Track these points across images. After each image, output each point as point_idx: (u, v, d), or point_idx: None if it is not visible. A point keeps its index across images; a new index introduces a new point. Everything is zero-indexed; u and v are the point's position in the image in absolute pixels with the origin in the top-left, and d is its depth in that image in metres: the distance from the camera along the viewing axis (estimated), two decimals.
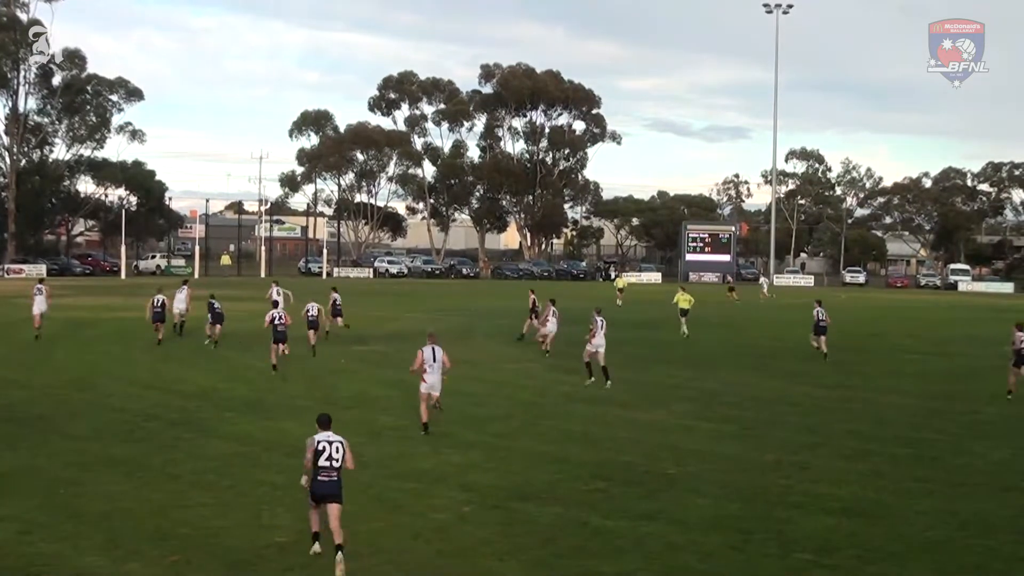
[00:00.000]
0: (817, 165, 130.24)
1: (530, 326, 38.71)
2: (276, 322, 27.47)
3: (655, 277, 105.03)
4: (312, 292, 43.76)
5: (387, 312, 48.90)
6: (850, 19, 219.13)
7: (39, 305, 36.27)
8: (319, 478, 12.79)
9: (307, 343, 32.15)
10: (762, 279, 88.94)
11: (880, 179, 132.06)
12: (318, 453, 12.87)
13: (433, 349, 20.62)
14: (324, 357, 31.50)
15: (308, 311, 32.98)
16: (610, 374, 27.02)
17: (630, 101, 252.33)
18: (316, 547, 12.58)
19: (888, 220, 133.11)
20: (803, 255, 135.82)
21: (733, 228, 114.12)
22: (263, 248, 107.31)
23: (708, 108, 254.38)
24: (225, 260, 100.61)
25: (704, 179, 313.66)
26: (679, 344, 38.70)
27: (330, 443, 12.96)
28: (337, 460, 12.81)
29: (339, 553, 11.98)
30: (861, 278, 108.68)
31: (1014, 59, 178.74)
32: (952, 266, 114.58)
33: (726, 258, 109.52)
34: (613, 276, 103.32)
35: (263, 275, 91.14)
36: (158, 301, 35.24)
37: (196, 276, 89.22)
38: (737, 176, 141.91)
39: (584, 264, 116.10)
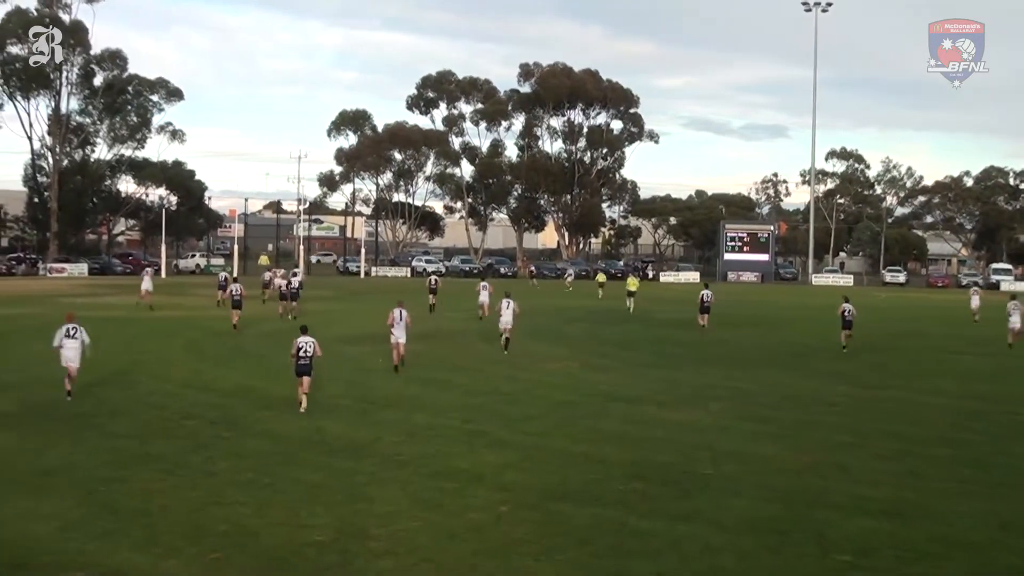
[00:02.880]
0: (857, 164, 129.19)
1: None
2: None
3: (693, 277, 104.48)
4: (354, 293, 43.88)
5: (423, 311, 48.99)
6: (889, 15, 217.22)
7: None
8: (300, 362, 21.94)
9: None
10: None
11: (921, 178, 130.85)
12: (299, 348, 21.99)
13: (401, 311, 28.64)
14: (360, 357, 31.63)
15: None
16: (509, 346, 33.27)
17: (667, 100, 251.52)
18: (303, 407, 21.72)
19: (929, 219, 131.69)
20: (842, 254, 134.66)
21: (772, 227, 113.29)
22: (301, 247, 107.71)
23: (746, 106, 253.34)
24: (264, 260, 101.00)
25: (742, 178, 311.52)
26: (714, 343, 38.53)
27: (306, 343, 22.05)
28: (309, 352, 21.94)
29: (304, 399, 21.81)
30: (901, 278, 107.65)
31: None
32: (994, 265, 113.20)
33: (764, 257, 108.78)
34: (651, 276, 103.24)
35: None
36: (237, 290, 40.42)
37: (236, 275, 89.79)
38: (775, 175, 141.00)
39: (622, 263, 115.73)
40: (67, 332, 23.18)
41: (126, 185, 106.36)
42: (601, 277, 75.77)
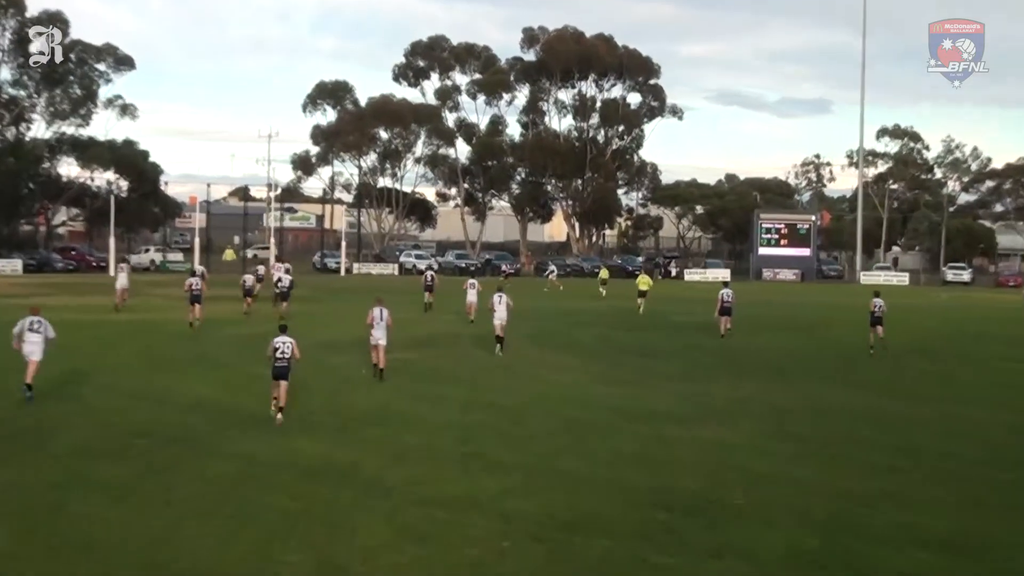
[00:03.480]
0: (912, 144, 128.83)
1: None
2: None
3: (722, 274, 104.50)
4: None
5: (414, 314, 49.01)
6: None
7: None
8: (276, 364, 22.91)
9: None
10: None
11: (988, 160, 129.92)
12: (275, 348, 22.97)
13: (380, 310, 29.58)
14: (341, 366, 31.70)
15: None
16: (504, 345, 35.13)
17: (692, 70, 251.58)
18: (279, 417, 22.68)
19: (999, 208, 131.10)
20: (895, 248, 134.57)
21: (813, 217, 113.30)
22: (273, 240, 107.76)
23: (783, 78, 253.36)
24: (228, 254, 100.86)
25: (779, 160, 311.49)
26: (746, 351, 38.56)
27: (283, 343, 23.04)
28: (286, 353, 22.93)
29: (280, 413, 22.73)
30: (966, 276, 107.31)
31: None
32: None
33: (805, 252, 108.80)
34: (674, 273, 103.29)
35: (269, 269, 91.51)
36: (196, 284, 42.94)
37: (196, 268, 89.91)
38: (818, 157, 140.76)
39: (641, 259, 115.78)
40: (30, 325, 25.24)
41: (68, 168, 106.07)
42: (604, 273, 76.69)
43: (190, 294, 43.13)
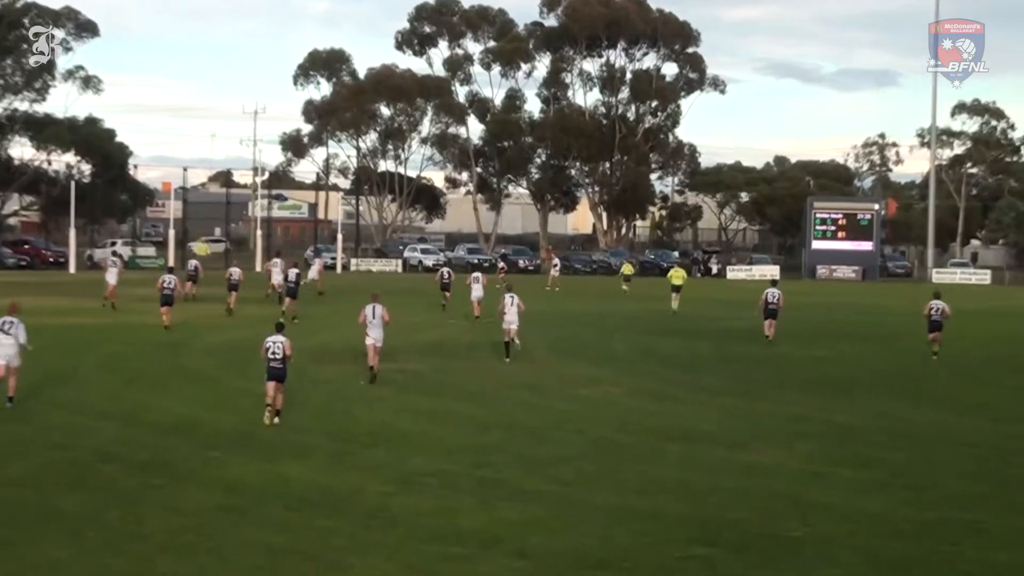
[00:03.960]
0: (995, 122, 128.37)
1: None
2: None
3: (771, 271, 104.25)
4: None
5: (420, 317, 48.97)
6: None
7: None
8: (270, 365, 24.58)
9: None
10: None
11: None
12: (267, 349, 24.75)
13: (374, 307, 30.66)
14: (336, 377, 31.64)
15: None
16: (510, 352, 36.27)
17: (737, 37, 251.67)
18: (275, 420, 24.38)
19: None
20: (975, 242, 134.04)
21: (876, 206, 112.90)
22: (259, 232, 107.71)
23: (843, 45, 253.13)
24: (200, 249, 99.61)
25: (837, 141, 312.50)
26: (803, 362, 38.44)
27: (275, 343, 24.73)
28: (278, 353, 24.54)
29: (276, 416, 24.37)
30: None
31: None
32: None
33: (867, 246, 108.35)
34: (715, 270, 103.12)
35: (258, 267, 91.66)
36: (169, 282, 43.59)
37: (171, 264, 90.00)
38: (882, 137, 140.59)
39: (677, 254, 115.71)
40: (1, 325, 25.79)
41: (20, 150, 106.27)
42: (627, 268, 77.41)
43: (161, 294, 43.48)
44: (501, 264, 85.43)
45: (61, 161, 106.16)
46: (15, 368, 25.94)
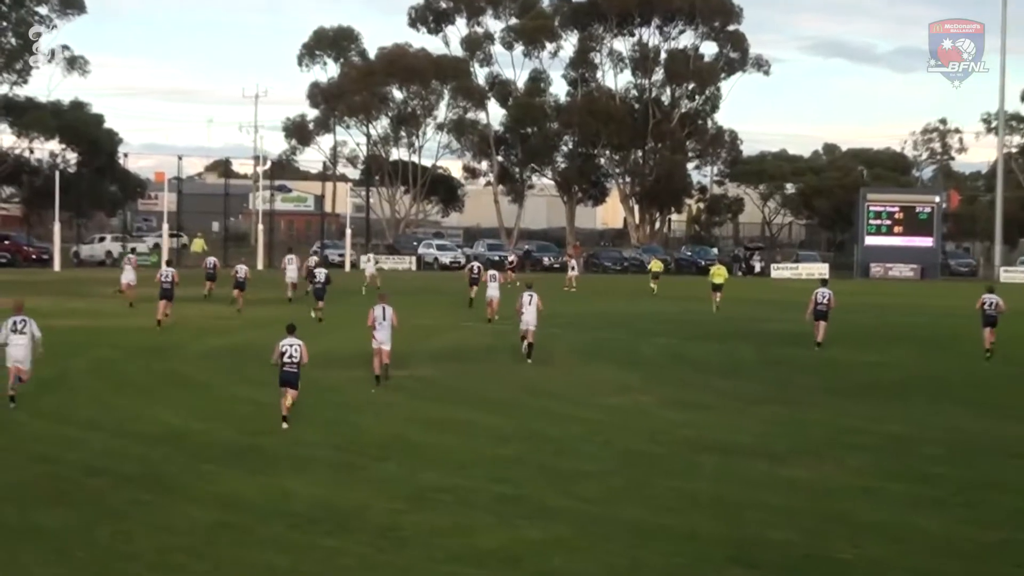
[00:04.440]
0: None
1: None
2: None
3: (819, 270, 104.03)
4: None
5: (435, 320, 49.06)
6: None
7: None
8: (284, 369, 25.52)
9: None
10: None
11: None
12: (282, 353, 25.48)
13: (383, 308, 31.71)
14: (343, 385, 31.70)
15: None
16: (532, 352, 37.22)
17: (784, 13, 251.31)
18: (284, 425, 25.23)
19: None
20: None
21: (937, 198, 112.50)
22: (260, 227, 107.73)
23: (899, 22, 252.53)
24: (197, 245, 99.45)
25: (893, 127, 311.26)
26: (853, 367, 38.39)
27: (291, 346, 25.54)
28: (295, 357, 25.47)
29: (284, 423, 25.29)
30: None
31: None
32: None
33: (926, 242, 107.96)
34: (757, 269, 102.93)
35: (260, 264, 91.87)
36: (168, 275, 45.62)
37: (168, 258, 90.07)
38: (943, 122, 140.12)
39: (716, 251, 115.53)
40: (14, 326, 26.92)
41: (1, 137, 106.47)
42: (655, 265, 77.55)
43: (160, 288, 44.82)
44: (510, 259, 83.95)
45: (44, 149, 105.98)
46: (27, 371, 27.20)
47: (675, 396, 31.77)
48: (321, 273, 51.95)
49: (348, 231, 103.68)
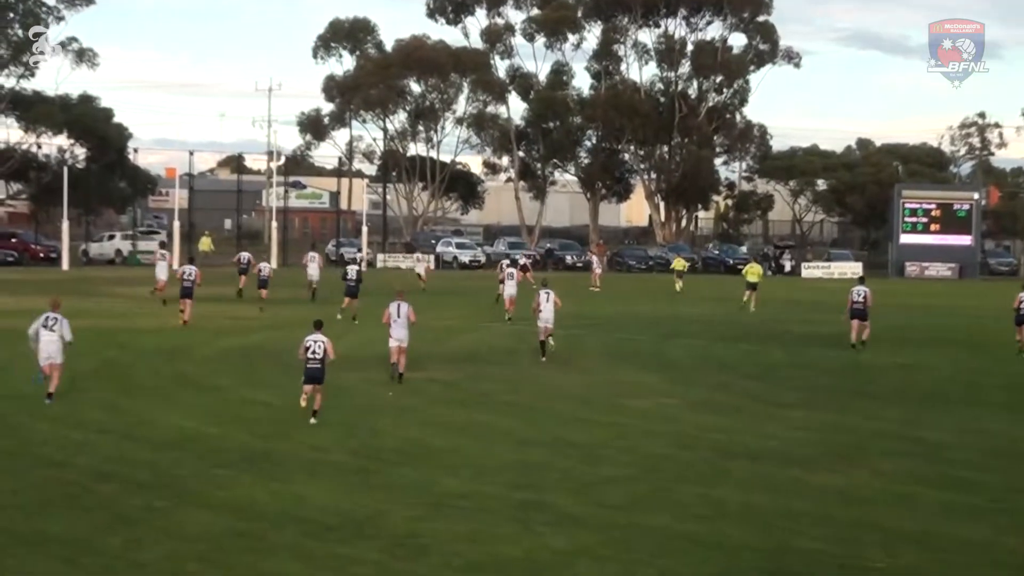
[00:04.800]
0: None
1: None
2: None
3: (852, 269, 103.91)
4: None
5: (456, 320, 49.09)
6: None
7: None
8: (308, 366, 26.50)
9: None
10: None
11: None
12: (306, 348, 26.52)
13: (399, 306, 32.44)
14: (359, 387, 31.74)
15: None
16: (546, 350, 38.17)
17: (816, 4, 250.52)
18: (312, 420, 26.17)
19: None
20: None
21: (976, 195, 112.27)
22: (274, 224, 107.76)
23: (936, 11, 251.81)
24: (204, 244, 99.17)
25: (929, 121, 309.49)
26: (887, 371, 38.33)
27: (315, 342, 26.51)
28: (319, 354, 26.38)
29: (314, 416, 26.29)
30: None
31: None
32: None
33: (965, 240, 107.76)
34: (788, 268, 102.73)
35: (273, 263, 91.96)
36: (190, 273, 46.05)
37: (177, 266, 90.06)
38: (982, 116, 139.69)
39: (745, 249, 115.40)
40: (45, 321, 28.13)
41: (7, 132, 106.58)
42: (679, 263, 77.79)
43: (181, 286, 45.69)
44: (522, 262, 74.58)
45: (52, 144, 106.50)
46: (58, 365, 28.28)
47: (702, 399, 31.76)
48: (353, 271, 52.59)
49: (364, 229, 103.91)
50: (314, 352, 26.56)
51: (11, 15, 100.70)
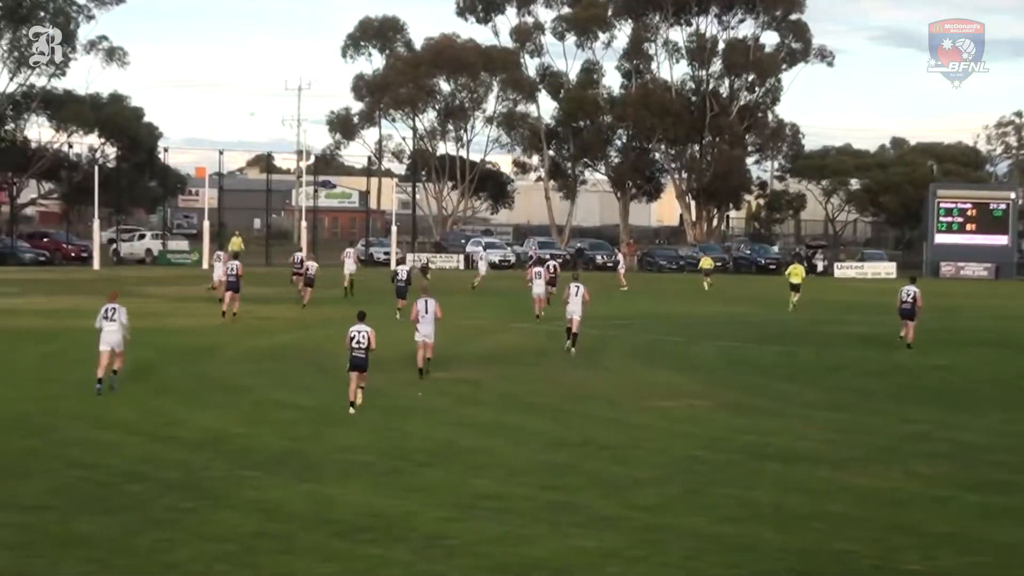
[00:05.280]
0: None
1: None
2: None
3: (886, 269, 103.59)
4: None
5: (485, 320, 49.08)
6: None
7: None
8: (353, 355, 28.11)
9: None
10: None
11: None
12: (351, 339, 28.18)
13: (426, 301, 33.42)
14: (388, 388, 31.75)
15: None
16: (577, 342, 39.53)
17: (849, 2, 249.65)
18: (352, 410, 27.78)
19: None
20: None
21: (1012, 195, 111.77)
22: (303, 224, 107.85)
23: (971, 10, 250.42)
24: (235, 243, 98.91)
25: (965, 120, 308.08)
26: (924, 371, 38.20)
27: (359, 332, 28.14)
28: (363, 343, 28.01)
29: (353, 408, 27.90)
30: None
31: None
32: None
33: (1001, 240, 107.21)
34: (820, 268, 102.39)
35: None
36: (233, 269, 48.45)
37: (206, 266, 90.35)
38: (1019, 115, 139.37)
39: (777, 249, 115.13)
40: (105, 313, 30.47)
41: (38, 131, 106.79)
42: (706, 262, 78.78)
43: (227, 280, 48.61)
44: (551, 265, 77.23)
45: (83, 144, 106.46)
46: (120, 353, 30.48)
47: (733, 400, 31.68)
48: (403, 271, 53.24)
49: (394, 228, 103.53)
50: (359, 342, 28.14)
51: (41, 14, 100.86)
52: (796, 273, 61.41)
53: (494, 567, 16.59)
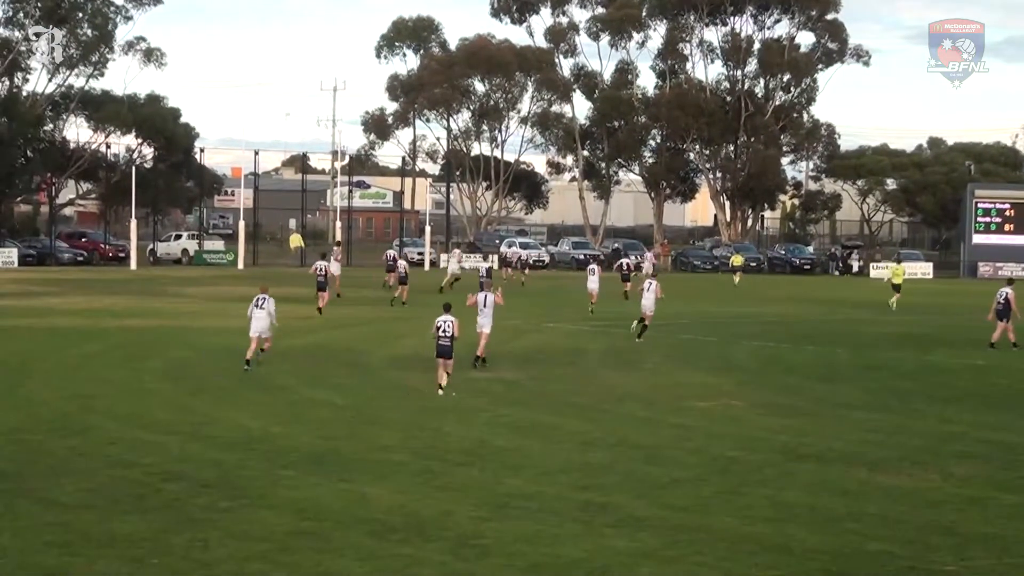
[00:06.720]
0: None
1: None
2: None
3: (923, 269, 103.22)
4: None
5: (520, 320, 49.07)
6: None
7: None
8: (439, 343, 30.42)
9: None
10: None
11: None
12: (437, 328, 30.39)
13: (485, 295, 36.09)
14: (426, 387, 31.77)
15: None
16: (643, 333, 42.48)
17: (885, 1, 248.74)
18: (440, 392, 30.12)
19: None
20: None
21: None
22: (338, 224, 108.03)
23: (1008, 9, 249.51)
24: (295, 240, 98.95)
25: (1003, 119, 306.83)
26: (960, 372, 38.04)
27: (444, 321, 30.40)
28: (448, 332, 30.22)
29: (440, 389, 30.20)
30: None
31: None
32: None
33: None
34: (856, 268, 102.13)
35: (334, 266, 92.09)
36: (322, 268, 52.09)
37: (242, 267, 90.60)
38: None
39: (812, 249, 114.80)
40: (256, 302, 34.19)
41: (77, 131, 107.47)
42: (737, 259, 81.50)
43: (316, 280, 52.26)
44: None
45: (121, 144, 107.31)
46: (266, 339, 34.62)
47: (769, 401, 31.59)
48: (484, 269, 57.96)
49: (428, 228, 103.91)
50: (444, 331, 30.50)
51: (80, 15, 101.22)
52: (898, 274, 64.78)
53: (527, 567, 16.57)
